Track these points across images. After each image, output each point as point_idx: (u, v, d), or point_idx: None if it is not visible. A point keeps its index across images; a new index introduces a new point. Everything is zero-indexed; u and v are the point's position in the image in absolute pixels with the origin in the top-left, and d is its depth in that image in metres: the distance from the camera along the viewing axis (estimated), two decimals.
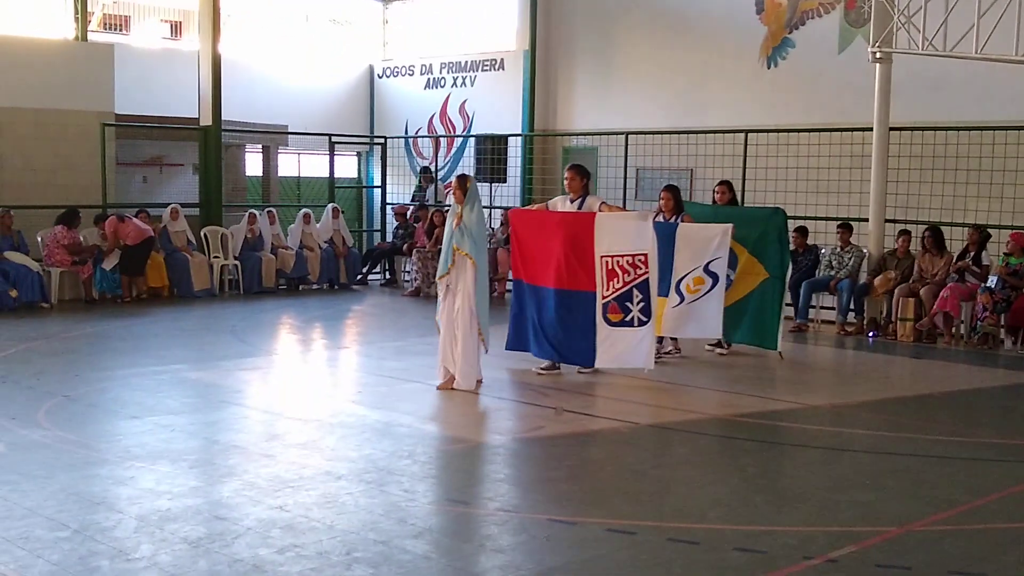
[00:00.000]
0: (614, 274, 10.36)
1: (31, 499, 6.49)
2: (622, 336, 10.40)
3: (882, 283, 14.00)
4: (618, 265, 10.33)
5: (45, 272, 15.43)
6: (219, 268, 17.57)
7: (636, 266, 10.28)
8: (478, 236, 9.98)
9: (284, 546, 5.80)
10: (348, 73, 23.34)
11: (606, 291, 10.40)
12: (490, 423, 9.15)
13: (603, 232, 10.39)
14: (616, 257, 10.34)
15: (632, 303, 10.32)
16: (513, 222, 11.31)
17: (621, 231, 10.40)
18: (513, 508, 6.63)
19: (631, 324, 10.35)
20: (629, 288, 10.31)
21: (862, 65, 14.78)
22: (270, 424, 8.88)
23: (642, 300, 10.29)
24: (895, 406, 10.13)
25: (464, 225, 9.93)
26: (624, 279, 10.32)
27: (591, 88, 19.91)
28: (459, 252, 9.92)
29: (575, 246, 10.48)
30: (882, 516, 6.61)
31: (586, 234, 10.43)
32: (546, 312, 10.70)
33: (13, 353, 11.64)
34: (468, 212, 9.96)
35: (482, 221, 10.20)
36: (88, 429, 8.48)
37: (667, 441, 8.67)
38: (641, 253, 10.26)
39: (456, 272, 9.98)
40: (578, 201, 10.83)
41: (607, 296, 10.40)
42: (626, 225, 10.48)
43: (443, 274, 10.04)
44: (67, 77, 17.04)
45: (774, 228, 12.01)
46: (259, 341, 13.35)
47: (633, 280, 10.30)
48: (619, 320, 10.38)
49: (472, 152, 21.13)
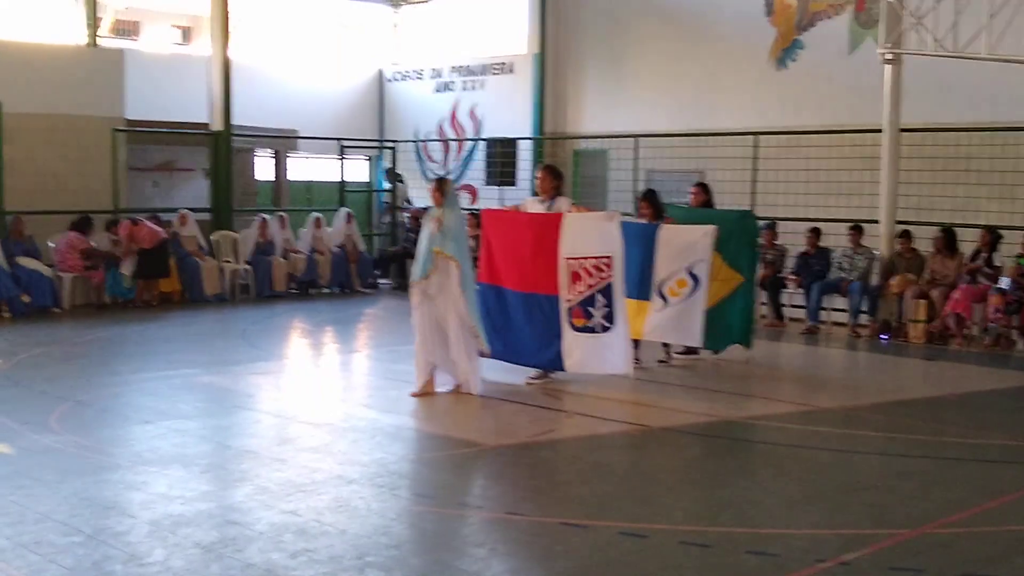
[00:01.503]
0: (578, 277, 9.96)
1: (44, 504, 6.51)
2: (586, 341, 10.02)
3: (900, 284, 13.93)
4: (583, 268, 9.94)
5: (57, 277, 15.47)
6: (230, 272, 17.60)
7: (600, 269, 9.89)
8: (459, 238, 9.74)
9: (296, 551, 5.80)
10: (358, 77, 23.37)
11: (569, 295, 10.02)
12: (500, 427, 9.13)
13: (569, 233, 10.00)
14: (580, 260, 9.95)
15: (595, 308, 9.93)
16: (484, 223, 10.86)
17: (587, 232, 10.03)
18: (524, 512, 6.63)
19: (594, 330, 9.96)
20: (593, 293, 9.92)
21: (872, 66, 14.75)
22: (282, 428, 8.89)
23: (606, 305, 9.89)
24: (907, 408, 10.10)
25: (445, 228, 9.68)
26: (588, 283, 9.93)
27: (601, 91, 19.91)
28: (441, 255, 9.66)
29: (543, 248, 10.11)
30: (895, 518, 6.59)
31: (553, 235, 10.05)
32: (514, 316, 10.38)
33: (25, 358, 11.68)
34: (448, 214, 9.74)
35: (462, 223, 9.94)
36: (100, 434, 8.50)
37: (678, 444, 8.66)
38: (605, 256, 9.88)
39: (439, 276, 9.71)
40: (548, 202, 10.52)
41: (570, 300, 10.01)
42: (592, 226, 10.10)
43: (420, 278, 9.76)
44: (78, 82, 17.09)
45: (745, 232, 11.76)
46: (270, 345, 13.37)
47: (596, 284, 9.91)
48: (582, 326, 10.00)
49: (482, 156, 21.18)
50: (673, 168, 17.75)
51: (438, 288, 9.74)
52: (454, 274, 9.68)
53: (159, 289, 16.50)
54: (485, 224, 10.81)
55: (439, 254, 9.67)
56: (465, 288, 9.73)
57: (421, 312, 9.83)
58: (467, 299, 9.75)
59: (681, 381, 10.86)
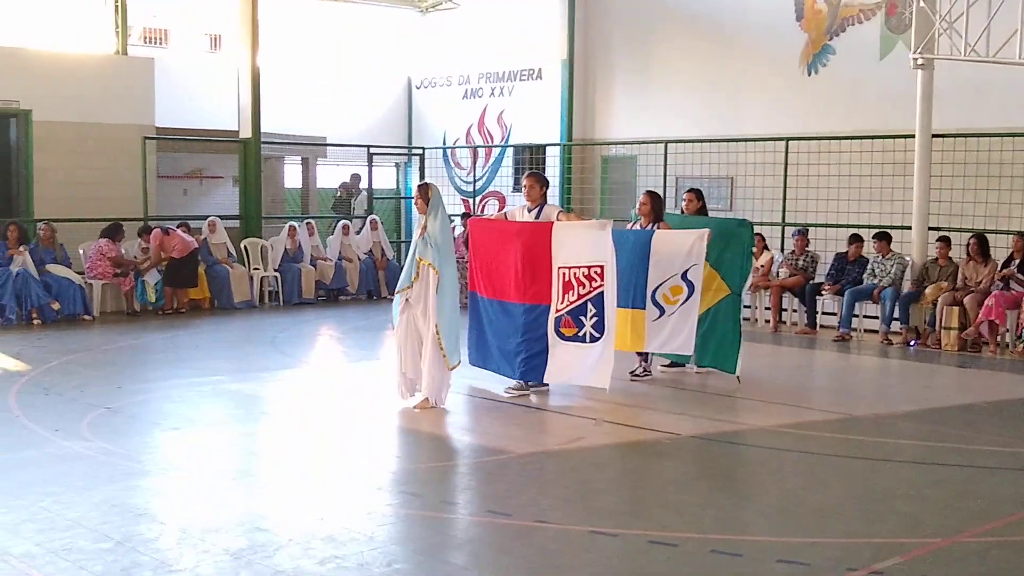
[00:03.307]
0: (570, 286, 9.81)
1: (74, 511, 6.53)
2: (572, 351, 9.85)
3: (934, 292, 13.81)
4: (575, 277, 9.78)
5: (87, 285, 15.56)
6: (259, 280, 17.66)
7: (592, 278, 9.73)
8: (443, 246, 9.47)
9: (325, 557, 5.79)
10: (386, 85, 23.40)
11: (560, 303, 9.85)
12: (529, 434, 9.10)
13: (560, 242, 9.84)
14: (573, 268, 9.79)
15: (586, 317, 9.77)
16: (472, 232, 10.77)
17: (578, 241, 9.85)
18: (553, 520, 6.59)
19: (583, 340, 9.80)
20: (584, 301, 9.77)
21: (904, 71, 14.65)
22: (310, 435, 8.89)
23: (596, 315, 9.74)
24: (939, 416, 10.00)
25: (428, 235, 9.45)
26: (579, 292, 9.77)
27: (630, 97, 19.86)
28: (422, 263, 9.42)
29: (532, 257, 9.93)
30: (927, 527, 6.53)
31: (543, 244, 9.88)
32: (500, 326, 10.21)
33: (56, 365, 11.74)
34: (432, 221, 9.48)
35: (447, 230, 9.62)
36: (130, 441, 8.52)
37: (709, 452, 8.60)
38: (597, 264, 9.71)
39: (421, 285, 9.45)
40: (536, 210, 10.31)
41: (560, 309, 9.85)
42: (584, 234, 9.91)
43: (404, 287, 9.54)
44: (108, 91, 17.20)
45: (741, 241, 11.26)
46: (299, 352, 13.39)
47: (588, 293, 9.75)
48: (572, 335, 9.83)
49: (510, 162, 21.17)
50: (703, 174, 17.68)
51: (417, 296, 9.50)
52: (432, 282, 9.42)
53: (188, 296, 16.57)
54: (473, 233, 10.70)
55: (420, 262, 9.44)
56: (442, 297, 9.43)
57: (402, 320, 9.61)
58: (439, 309, 9.41)
59: (711, 389, 10.79)
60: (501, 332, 10.23)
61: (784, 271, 15.47)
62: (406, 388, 9.71)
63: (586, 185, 20.06)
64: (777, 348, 13.97)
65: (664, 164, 17.82)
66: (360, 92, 22.82)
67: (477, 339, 10.54)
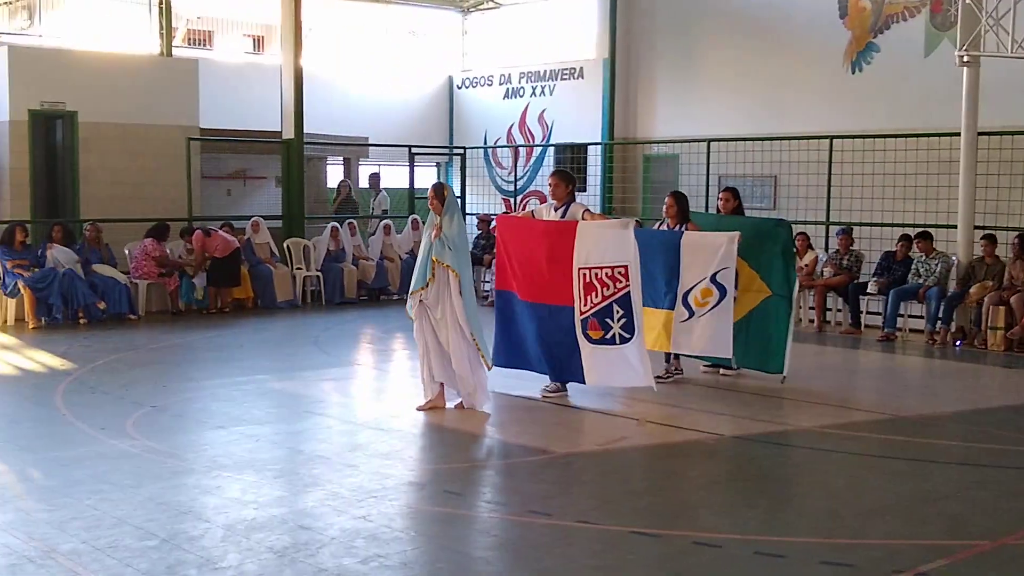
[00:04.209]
0: (592, 287, 9.65)
1: (120, 508, 6.59)
2: (605, 354, 9.70)
3: (978, 291, 13.65)
4: (596, 278, 9.62)
5: (132, 284, 15.70)
6: (302, 279, 17.76)
7: (616, 279, 9.58)
8: (459, 247, 9.35)
9: (368, 556, 5.82)
10: (427, 84, 23.48)
11: (584, 306, 9.70)
12: (572, 434, 9.10)
13: (583, 242, 9.68)
14: (594, 269, 9.63)
15: (612, 319, 9.61)
16: (500, 230, 10.62)
17: (601, 241, 9.69)
18: (595, 520, 6.58)
19: (612, 342, 9.64)
20: (608, 303, 9.61)
21: (949, 69, 14.50)
22: (353, 434, 8.93)
23: (623, 316, 9.58)
24: (985, 417, 9.89)
25: (444, 236, 9.28)
26: (603, 293, 9.62)
27: (672, 95, 19.80)
28: (439, 264, 9.25)
29: (557, 257, 9.80)
30: (973, 529, 6.46)
31: (567, 244, 9.74)
32: (530, 326, 10.09)
33: (102, 364, 11.85)
34: (448, 222, 9.33)
35: (463, 231, 9.49)
36: (175, 439, 8.60)
37: (752, 453, 8.55)
38: (621, 265, 9.55)
39: (437, 286, 9.29)
40: (562, 209, 10.13)
41: (585, 312, 9.70)
42: (606, 234, 9.75)
43: (418, 288, 9.36)
44: (153, 92, 17.35)
45: (778, 242, 11.01)
46: (341, 352, 13.44)
47: (613, 295, 9.59)
48: (600, 338, 9.67)
49: (551, 161, 21.16)
50: (746, 173, 17.60)
51: (435, 298, 9.34)
52: (453, 284, 9.29)
53: (232, 296, 16.69)
54: (500, 231, 10.58)
55: (437, 263, 9.28)
56: (465, 298, 9.34)
57: (420, 324, 9.50)
58: (467, 310, 9.33)
59: (755, 389, 10.72)
60: (529, 332, 10.14)
61: (828, 270, 15.34)
62: (431, 391, 9.62)
63: (628, 184, 20.02)
64: (822, 348, 13.86)
65: (707, 163, 17.72)
66: (402, 92, 22.92)
67: (506, 339, 10.39)
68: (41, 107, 16.43)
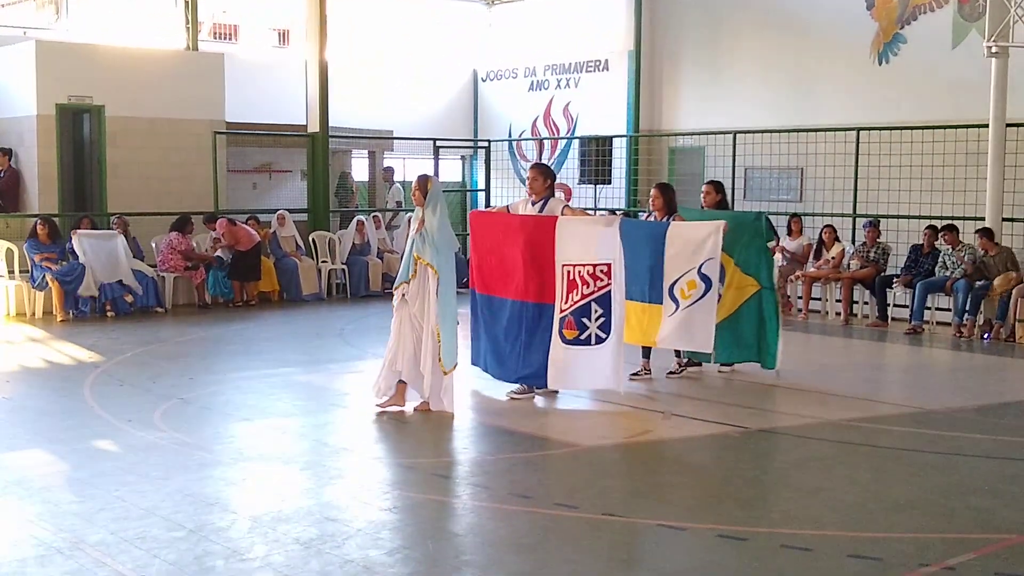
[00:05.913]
0: (574, 285, 9.32)
1: (148, 500, 6.63)
2: (576, 355, 9.36)
3: (1003, 283, 13.57)
4: (579, 276, 9.30)
5: (159, 278, 15.78)
6: (327, 272, 17.81)
7: (598, 277, 9.25)
8: (441, 243, 8.98)
9: (394, 548, 5.83)
10: (452, 77, 23.48)
11: (564, 304, 9.35)
12: (596, 427, 9.09)
13: (565, 238, 9.35)
14: (578, 266, 9.31)
15: (590, 319, 9.28)
16: (472, 226, 10.32)
17: (585, 238, 9.37)
18: (621, 513, 6.58)
19: (587, 342, 9.30)
20: (588, 302, 9.28)
21: (977, 60, 14.41)
22: (378, 426, 8.94)
23: (602, 315, 9.25)
24: (1013, 410, 9.85)
25: (425, 231, 8.97)
26: (583, 291, 9.28)
27: (697, 87, 19.74)
28: (420, 261, 8.94)
29: (535, 253, 9.45)
30: (1001, 523, 6.42)
31: (547, 240, 9.39)
32: (500, 326, 9.78)
33: (130, 357, 11.92)
34: (430, 216, 8.98)
35: (446, 226, 9.07)
36: (202, 431, 8.64)
37: (777, 446, 8.53)
38: (604, 263, 9.24)
39: (418, 283, 9.00)
40: (540, 204, 9.80)
41: (564, 310, 9.35)
42: (590, 231, 9.44)
43: (401, 283, 9.10)
44: (179, 86, 17.41)
45: (759, 234, 10.83)
46: (366, 344, 13.45)
47: (593, 293, 9.27)
48: (574, 338, 9.33)
49: (576, 154, 21.14)
50: (772, 165, 17.53)
51: (415, 294, 9.04)
52: (431, 282, 8.97)
53: (258, 289, 16.74)
54: (473, 227, 10.30)
55: (418, 260, 8.97)
56: (442, 296, 8.99)
57: (398, 317, 9.18)
58: (440, 310, 8.99)
59: (781, 382, 10.68)
60: (498, 332, 9.84)
61: (855, 263, 15.28)
62: (388, 385, 9.27)
63: (653, 177, 19.92)
64: (848, 341, 13.81)
65: (732, 155, 17.67)
66: (426, 85, 22.92)
67: (476, 339, 10.19)
68: (68, 101, 16.52)
